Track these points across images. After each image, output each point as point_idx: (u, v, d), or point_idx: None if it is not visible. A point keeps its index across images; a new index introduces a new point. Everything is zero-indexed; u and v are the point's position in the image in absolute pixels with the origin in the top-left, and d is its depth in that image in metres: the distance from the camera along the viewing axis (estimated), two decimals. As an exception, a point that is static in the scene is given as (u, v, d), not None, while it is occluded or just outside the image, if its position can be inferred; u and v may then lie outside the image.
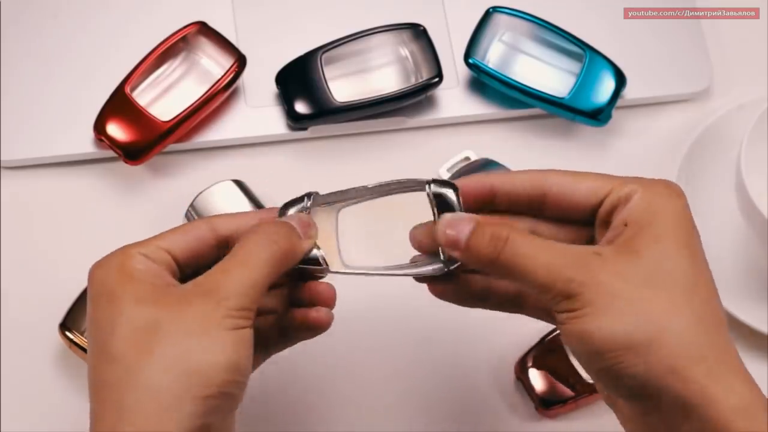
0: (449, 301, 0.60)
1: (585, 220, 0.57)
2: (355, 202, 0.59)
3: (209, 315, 0.52)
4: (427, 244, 0.58)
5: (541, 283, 0.53)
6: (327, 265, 0.57)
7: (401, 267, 0.59)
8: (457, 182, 0.58)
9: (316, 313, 0.59)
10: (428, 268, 0.58)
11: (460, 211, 0.57)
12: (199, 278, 0.54)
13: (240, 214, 0.59)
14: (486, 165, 0.79)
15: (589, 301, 0.52)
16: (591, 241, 0.57)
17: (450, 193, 0.57)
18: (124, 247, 0.56)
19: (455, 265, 0.57)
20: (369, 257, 0.59)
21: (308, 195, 0.58)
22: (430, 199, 0.57)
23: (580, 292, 0.52)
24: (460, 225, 0.55)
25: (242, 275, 0.53)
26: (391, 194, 0.59)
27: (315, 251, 0.57)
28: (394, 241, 0.59)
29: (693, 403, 0.51)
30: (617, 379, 0.52)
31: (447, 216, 0.56)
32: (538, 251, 0.53)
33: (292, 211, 0.58)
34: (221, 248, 0.57)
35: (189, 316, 0.52)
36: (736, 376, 0.51)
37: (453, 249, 0.55)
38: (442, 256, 0.57)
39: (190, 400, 0.51)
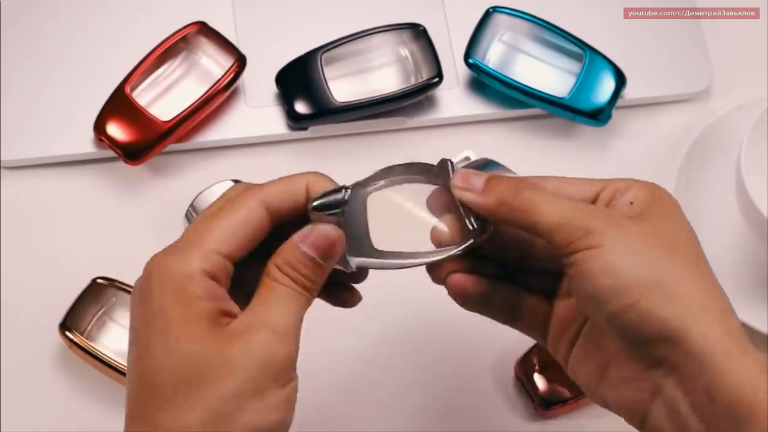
0: (468, 305, 0.59)
1: None
2: (386, 187, 0.58)
3: (262, 371, 0.51)
4: (448, 237, 0.58)
5: (558, 223, 0.52)
6: (345, 266, 0.57)
7: (428, 254, 0.58)
8: None
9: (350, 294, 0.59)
10: (455, 249, 0.57)
11: None
12: (246, 331, 0.52)
13: (284, 182, 0.55)
14: (486, 165, 0.79)
15: (610, 238, 0.51)
16: None
17: None
18: (187, 256, 0.52)
19: (481, 238, 0.57)
20: (397, 242, 0.58)
21: (345, 188, 0.56)
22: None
23: (600, 230, 0.51)
24: (476, 174, 0.55)
25: (289, 328, 0.52)
26: (416, 183, 0.59)
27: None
28: (420, 225, 0.58)
29: (711, 356, 0.49)
30: (633, 322, 0.50)
31: (463, 169, 0.56)
32: (554, 197, 0.53)
33: (323, 212, 0.55)
34: (275, 224, 0.55)
35: (241, 371, 0.50)
36: (747, 349, 0.50)
37: (470, 191, 0.55)
38: (469, 225, 0.57)
39: None
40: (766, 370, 0.49)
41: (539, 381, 0.74)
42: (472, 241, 0.57)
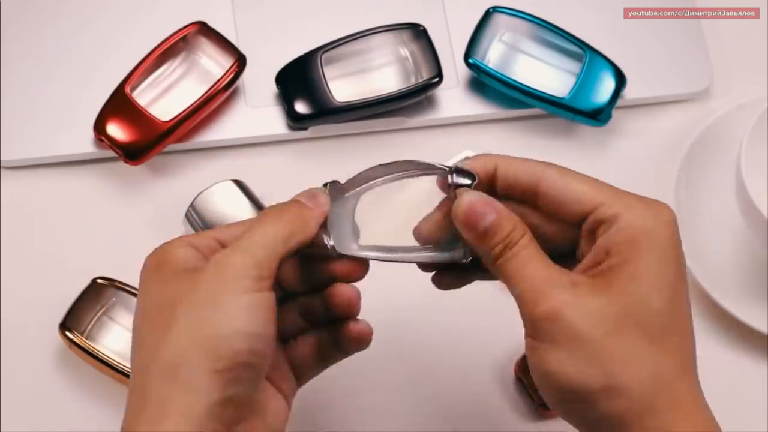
0: (453, 288, 0.60)
1: (572, 222, 0.56)
2: (373, 187, 0.59)
3: (219, 283, 0.52)
4: (435, 235, 0.58)
5: (522, 300, 0.53)
6: (334, 248, 0.57)
7: (414, 249, 0.58)
8: (469, 164, 0.57)
9: (358, 326, 0.59)
10: (445, 255, 0.58)
11: None
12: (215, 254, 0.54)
13: None
14: (486, 165, 0.79)
15: (553, 337, 0.52)
16: (577, 240, 0.57)
17: (468, 185, 0.56)
18: (180, 237, 0.56)
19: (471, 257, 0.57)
20: (383, 239, 0.58)
21: (326, 184, 0.58)
22: (450, 188, 0.56)
23: (545, 327, 0.52)
24: (484, 210, 0.55)
25: (255, 242, 0.54)
26: (408, 177, 0.59)
27: (323, 237, 0.57)
28: (405, 224, 0.58)
29: None
30: (570, 416, 0.53)
31: (472, 195, 0.55)
32: (533, 265, 0.54)
33: None
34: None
35: (201, 288, 0.52)
36: (693, 427, 0.51)
37: (468, 229, 0.55)
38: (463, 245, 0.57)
39: (204, 375, 0.50)
40: None
41: (539, 381, 0.74)
42: (451, 255, 0.57)
